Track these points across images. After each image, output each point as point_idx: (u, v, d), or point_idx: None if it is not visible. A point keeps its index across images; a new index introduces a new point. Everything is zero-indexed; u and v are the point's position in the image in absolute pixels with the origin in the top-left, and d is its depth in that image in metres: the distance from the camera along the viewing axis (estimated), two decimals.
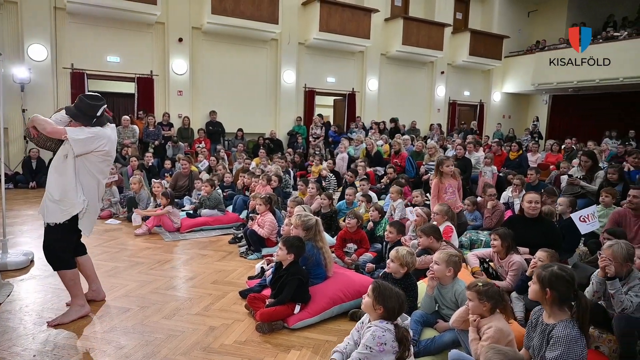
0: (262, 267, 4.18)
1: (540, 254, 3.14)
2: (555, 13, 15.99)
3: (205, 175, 7.83)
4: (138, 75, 10.17)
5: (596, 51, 12.95)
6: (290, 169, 8.71)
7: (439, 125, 13.93)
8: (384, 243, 4.28)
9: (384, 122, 12.95)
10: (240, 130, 11.09)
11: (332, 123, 13.71)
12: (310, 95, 12.51)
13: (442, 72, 14.85)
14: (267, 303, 3.31)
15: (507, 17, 15.84)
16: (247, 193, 6.93)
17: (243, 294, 3.71)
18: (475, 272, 3.74)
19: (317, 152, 10.48)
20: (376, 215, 5.09)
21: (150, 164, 8.53)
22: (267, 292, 3.53)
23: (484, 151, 9.47)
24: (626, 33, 13.31)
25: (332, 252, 4.57)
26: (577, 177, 6.26)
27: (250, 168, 8.31)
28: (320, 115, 12.59)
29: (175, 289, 3.98)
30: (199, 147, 9.91)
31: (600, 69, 12.72)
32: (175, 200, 6.74)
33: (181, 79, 10.55)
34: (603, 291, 2.78)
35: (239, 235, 5.52)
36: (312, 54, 12.40)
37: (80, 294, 3.36)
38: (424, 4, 14.63)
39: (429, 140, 10.82)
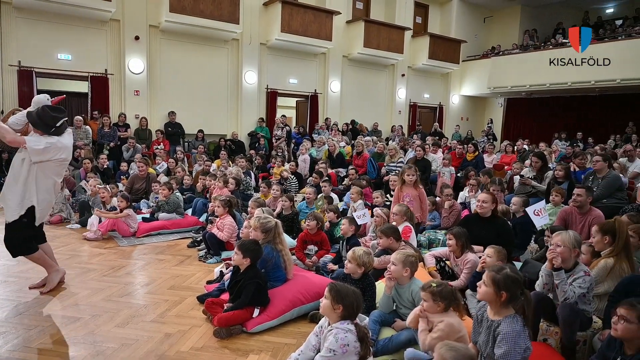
0: (221, 271, 4.10)
1: (488, 250, 3.24)
2: (509, 20, 16.63)
3: (164, 178, 7.61)
4: (92, 74, 9.77)
5: (546, 57, 13.58)
6: (251, 171, 8.61)
7: (400, 126, 14.19)
8: (341, 240, 4.30)
9: (346, 124, 13.06)
10: (200, 131, 10.87)
11: (294, 124, 13.71)
12: (272, 97, 12.44)
13: (403, 75, 15.13)
14: (225, 308, 3.26)
15: (465, 23, 16.33)
16: (207, 196, 6.80)
17: (201, 299, 3.63)
18: (431, 272, 3.82)
19: (279, 154, 10.42)
20: (332, 216, 5.11)
21: (105, 166, 8.21)
22: (225, 296, 3.47)
23: (442, 152, 9.74)
24: None
25: (293, 254, 4.56)
26: (528, 177, 6.53)
27: (211, 170, 8.15)
28: (283, 117, 12.54)
29: (129, 296, 3.85)
30: (157, 148, 9.64)
31: (550, 74, 13.33)
32: (132, 203, 6.54)
33: (138, 79, 10.22)
34: (552, 283, 2.91)
35: (198, 239, 5.41)
36: (274, 54, 12.33)
37: (51, 263, 3.90)
38: (384, 7, 14.87)
39: (390, 142, 10.99)
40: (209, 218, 5.46)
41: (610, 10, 16.50)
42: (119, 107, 10.20)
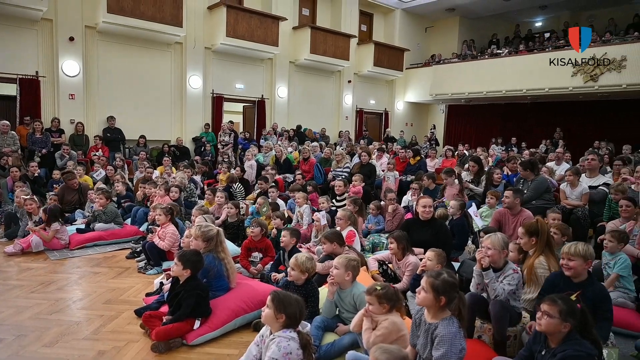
0: (161, 283, 3.95)
1: (429, 254, 3.35)
2: (448, 30, 17.40)
3: (103, 187, 7.23)
4: (21, 76, 9.13)
5: (483, 66, 14.35)
6: (196, 177, 8.39)
7: (347, 132, 14.41)
8: (282, 250, 4.27)
9: (293, 130, 13.07)
10: (142, 137, 10.46)
11: (241, 130, 13.54)
12: (218, 101, 12.22)
13: (349, 81, 15.39)
14: (164, 320, 3.14)
15: (407, 32, 16.90)
16: (148, 204, 6.54)
17: (139, 313, 3.48)
18: (374, 275, 3.89)
19: (225, 160, 10.24)
20: (279, 223, 5.08)
21: (36, 174, 7.68)
22: (165, 309, 3.34)
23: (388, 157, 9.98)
24: (507, 51, 14.90)
25: (237, 262, 4.49)
26: (466, 180, 6.84)
27: (153, 177, 7.86)
28: (230, 122, 12.34)
29: (60, 313, 3.61)
30: (95, 155, 9.16)
31: (487, 82, 14.08)
32: (65, 214, 6.17)
33: (73, 82, 9.68)
34: (484, 282, 3.05)
35: (138, 250, 5.18)
36: (219, 59, 12.13)
37: None
38: (330, 15, 15.08)
39: (338, 147, 11.12)
40: (149, 227, 5.24)
41: (539, 24, 17.69)
42: (52, 111, 9.60)
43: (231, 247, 4.56)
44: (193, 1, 11.00)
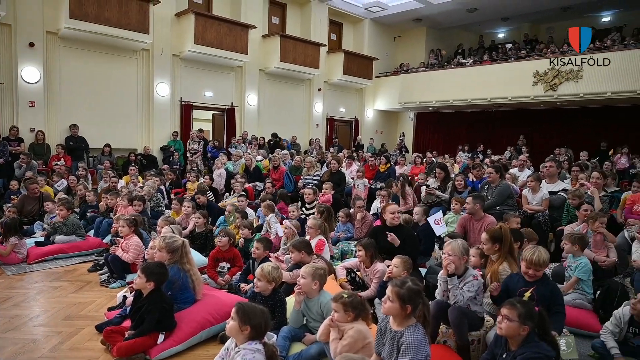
0: (124, 296, 3.83)
1: (395, 261, 3.39)
2: (416, 40, 17.79)
3: (64, 197, 6.97)
4: None
5: (450, 75, 14.73)
6: (162, 187, 8.21)
7: (318, 140, 14.47)
8: (251, 260, 4.22)
9: (263, 138, 13.02)
10: (107, 145, 10.17)
11: (211, 138, 13.38)
12: (186, 109, 12.05)
13: (320, 89, 15.48)
14: (126, 336, 3.04)
15: (376, 41, 17.17)
16: (112, 215, 6.35)
17: (100, 328, 3.36)
18: (342, 283, 3.90)
19: (194, 169, 10.08)
20: (247, 233, 5.03)
21: None
22: (127, 323, 3.25)
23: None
24: (472, 60, 15.36)
25: (204, 272, 4.41)
26: (433, 187, 6.97)
27: (119, 187, 7.65)
28: (200, 130, 12.19)
29: (16, 331, 3.45)
30: (56, 164, 8.85)
31: (453, 90, 14.44)
32: (24, 226, 5.92)
33: (33, 89, 9.33)
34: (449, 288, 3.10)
35: (101, 262, 5.02)
36: (188, 66, 11.98)
37: None
38: (300, 23, 15.17)
39: (308, 155, 11.14)
40: (112, 239, 5.09)
41: (502, 35, 18.34)
42: (10, 119, 9.22)
43: (198, 258, 4.49)
44: (160, 8, 10.85)
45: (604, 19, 15.63)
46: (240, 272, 4.28)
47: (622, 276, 4.27)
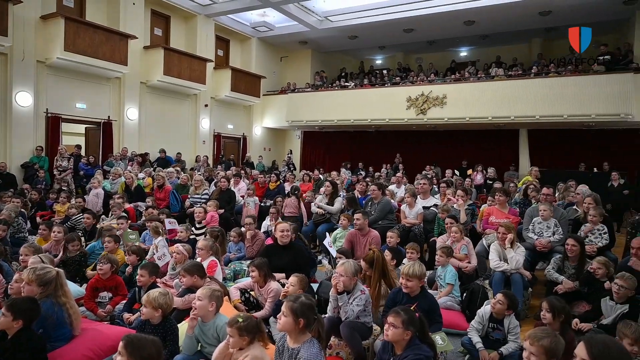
0: None
1: (292, 279, 3.49)
2: (302, 61, 18.47)
3: None
4: None
5: (334, 96, 15.53)
6: (24, 210, 7.24)
7: (206, 157, 14.08)
8: (137, 287, 3.96)
9: (147, 154, 12.28)
10: None
11: (84, 154, 12.18)
12: (54, 122, 10.82)
13: (206, 105, 15.14)
14: None
15: (264, 60, 17.42)
16: None
17: None
18: (236, 305, 3.87)
19: (64, 188, 9.08)
20: (134, 259, 4.68)
21: None
22: None
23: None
24: (353, 84, 16.44)
25: (81, 304, 4.01)
26: (322, 203, 7.26)
27: None
28: (78, 146, 11.01)
29: None
30: None
31: (337, 111, 15.24)
32: None
33: None
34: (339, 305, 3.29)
35: None
36: (56, 75, 10.82)
37: None
38: (185, 37, 14.73)
39: (196, 173, 10.77)
40: None
41: (379, 62, 19.98)
42: None
43: (74, 289, 4.06)
44: (22, 8, 9.68)
45: (461, 54, 18.00)
46: (125, 302, 3.97)
47: (482, 279, 4.94)
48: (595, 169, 11.90)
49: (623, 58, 12.08)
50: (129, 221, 6.46)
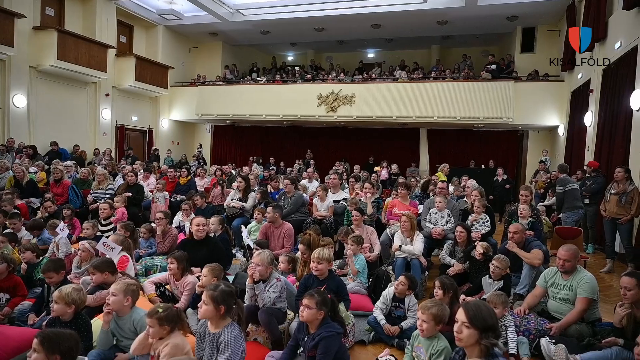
0: None
1: (204, 270, 3.57)
2: (212, 53, 18.00)
3: None
4: None
5: (246, 91, 15.47)
6: None
7: (109, 150, 13.19)
8: (44, 286, 3.76)
9: (34, 146, 11.20)
10: None
11: None
12: None
13: (107, 95, 14.16)
14: None
15: (171, 49, 16.68)
16: None
17: None
18: (152, 298, 3.85)
19: None
20: (31, 256, 4.38)
21: None
22: None
23: (155, 178, 9.68)
24: (265, 79, 16.49)
25: None
26: (235, 198, 7.32)
27: None
28: None
29: None
30: None
31: (249, 106, 15.20)
32: None
33: None
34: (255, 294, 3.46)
35: None
36: None
37: None
38: (82, 20, 13.60)
39: (97, 167, 10.08)
40: None
41: (291, 58, 20.24)
42: None
43: None
44: None
45: (369, 55, 18.96)
46: (33, 303, 3.73)
47: (387, 265, 5.42)
48: (482, 166, 13.43)
49: (506, 67, 13.71)
50: (22, 219, 5.95)
